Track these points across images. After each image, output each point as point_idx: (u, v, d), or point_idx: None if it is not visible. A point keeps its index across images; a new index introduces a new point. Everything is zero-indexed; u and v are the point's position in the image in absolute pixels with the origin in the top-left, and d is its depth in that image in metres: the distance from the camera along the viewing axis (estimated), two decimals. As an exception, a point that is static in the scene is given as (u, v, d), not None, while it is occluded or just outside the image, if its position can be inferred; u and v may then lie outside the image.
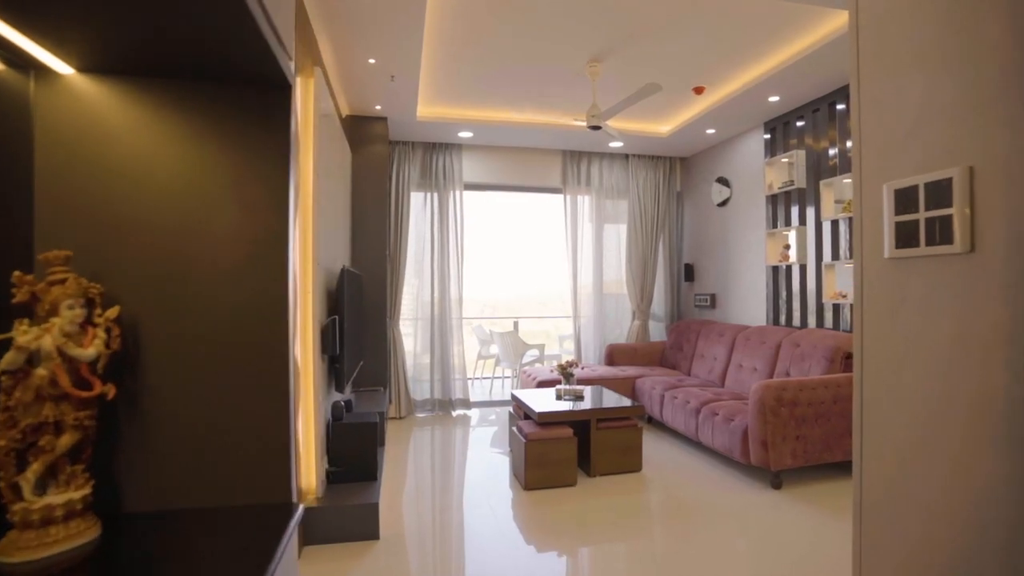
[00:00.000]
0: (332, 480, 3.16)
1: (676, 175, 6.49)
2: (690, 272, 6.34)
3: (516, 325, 8.45)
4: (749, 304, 5.34)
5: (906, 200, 1.03)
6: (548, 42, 3.68)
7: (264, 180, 1.03)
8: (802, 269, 4.64)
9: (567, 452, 3.65)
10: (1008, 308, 0.86)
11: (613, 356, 5.94)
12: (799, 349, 4.16)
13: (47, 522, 0.85)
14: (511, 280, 9.94)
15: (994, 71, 0.89)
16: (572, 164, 6.17)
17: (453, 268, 5.85)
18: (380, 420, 4.03)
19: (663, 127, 5.57)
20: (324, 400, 3.25)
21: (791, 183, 4.68)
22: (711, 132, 5.41)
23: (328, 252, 3.57)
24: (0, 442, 0.84)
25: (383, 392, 4.77)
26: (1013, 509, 0.85)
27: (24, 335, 0.85)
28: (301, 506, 0.98)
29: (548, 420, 3.73)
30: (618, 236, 6.35)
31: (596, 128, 4.00)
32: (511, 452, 3.96)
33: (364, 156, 4.90)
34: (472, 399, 6.26)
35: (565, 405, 3.94)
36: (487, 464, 4.15)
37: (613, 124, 4.50)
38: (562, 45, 3.72)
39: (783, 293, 4.87)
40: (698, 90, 4.50)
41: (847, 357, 3.85)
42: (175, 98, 1.02)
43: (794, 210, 4.70)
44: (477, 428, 5.31)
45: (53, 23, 0.84)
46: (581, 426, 3.98)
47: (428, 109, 5.04)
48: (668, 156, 6.37)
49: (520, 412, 4.24)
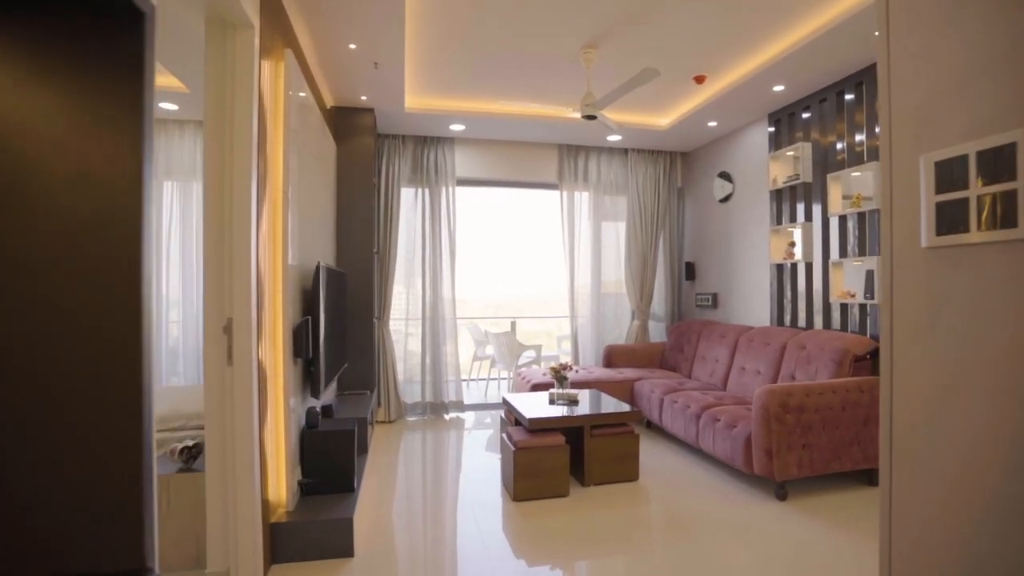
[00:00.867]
0: (305, 492, 2.96)
1: (677, 170, 6.27)
2: (691, 271, 6.12)
3: (513, 325, 8.27)
4: (752, 304, 5.13)
5: (950, 175, 0.82)
6: (540, 25, 3.48)
7: (107, 138, 0.74)
8: (808, 267, 4.42)
9: (559, 461, 3.44)
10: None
11: (611, 357, 5.73)
12: (805, 351, 3.95)
13: None
14: (508, 279, 9.74)
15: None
16: (569, 159, 5.95)
17: (445, 266, 5.64)
18: (362, 426, 3.84)
19: (663, 120, 5.35)
20: (300, 406, 3.05)
21: (796, 177, 4.46)
22: (713, 125, 5.19)
23: (306, 248, 3.37)
24: None
25: (369, 396, 4.57)
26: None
27: None
28: None
29: (539, 427, 3.52)
30: (617, 234, 6.14)
31: (591, 118, 3.79)
32: (501, 460, 3.76)
33: (350, 149, 4.70)
34: (467, 401, 6.06)
35: (558, 410, 3.73)
36: (478, 471, 3.95)
37: (610, 116, 4.30)
38: (555, 29, 3.52)
39: (788, 292, 4.65)
40: (699, 79, 4.29)
41: (856, 360, 3.63)
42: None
43: (800, 206, 4.48)
44: (470, 432, 5.11)
45: None
46: (575, 433, 3.78)
47: (417, 100, 4.84)
48: (668, 151, 6.15)
49: (511, 417, 4.04)
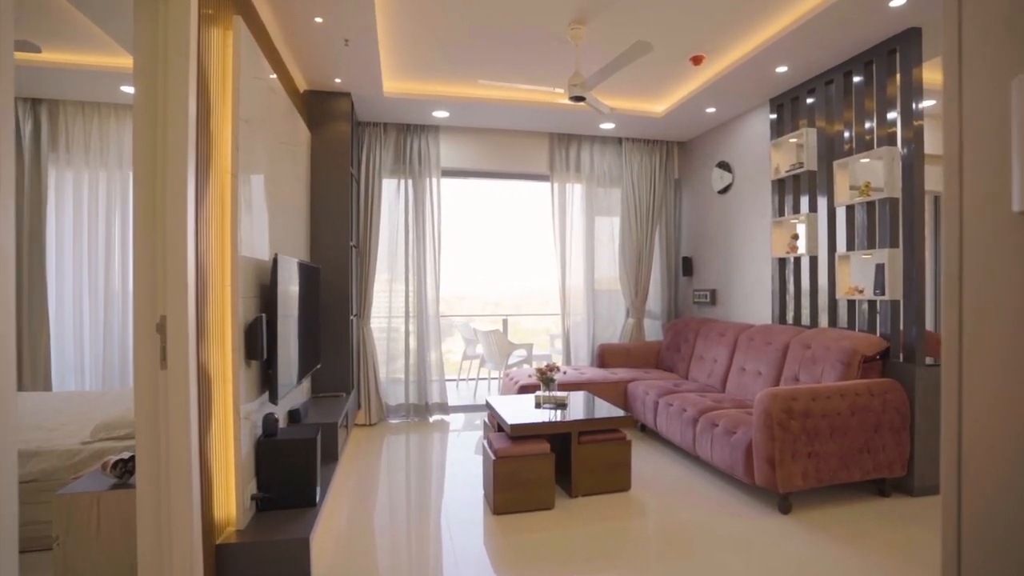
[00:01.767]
0: (262, 507, 2.68)
1: (673, 161, 5.99)
2: (688, 266, 5.85)
3: (505, 323, 8.02)
4: (753, 301, 4.85)
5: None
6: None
7: None
8: (812, 261, 4.14)
9: (543, 470, 3.17)
10: None
11: (604, 357, 5.46)
12: (810, 351, 3.68)
13: None
14: (504, 277, 9.46)
15: None
16: (560, 148, 5.67)
17: (430, 262, 5.36)
18: (331, 431, 3.56)
19: (658, 106, 5.07)
20: (256, 412, 2.77)
21: (800, 166, 4.18)
22: (711, 111, 4.91)
23: (274, 241, 3.09)
24: None
25: (345, 398, 4.30)
26: None
27: None
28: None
29: (522, 434, 3.25)
30: (611, 228, 5.86)
31: (579, 99, 3.51)
32: (483, 469, 3.49)
33: (325, 136, 4.42)
34: (454, 403, 5.80)
35: (544, 415, 3.46)
36: (459, 480, 3.68)
37: (602, 100, 4.02)
38: (539, 2, 3.23)
39: (791, 288, 4.38)
40: (696, 60, 4.01)
41: (866, 361, 3.36)
42: None
43: (803, 196, 4.20)
44: (455, 436, 4.83)
45: None
46: (562, 439, 3.51)
47: (396, 84, 4.55)
48: (664, 140, 5.87)
49: (495, 422, 3.76)
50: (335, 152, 4.44)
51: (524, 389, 4.57)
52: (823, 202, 4.02)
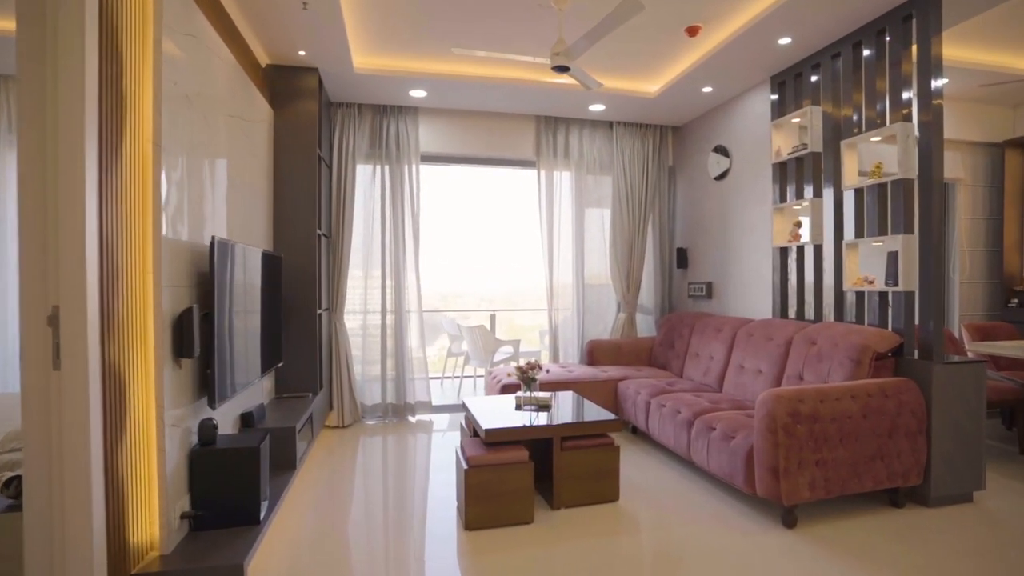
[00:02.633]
0: (196, 527, 2.35)
1: (668, 147, 5.66)
2: (683, 257, 5.53)
3: (493, 319, 7.71)
4: (752, 293, 4.54)
5: None
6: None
7: None
8: (817, 251, 3.83)
9: (521, 480, 2.85)
10: None
11: (594, 354, 5.14)
12: (815, 347, 3.37)
13: None
14: (492, 272, 9.13)
15: None
16: (547, 132, 5.34)
17: (409, 253, 5.03)
18: (288, 437, 3.23)
19: (651, 86, 4.74)
20: (189, 418, 2.44)
21: (803, 147, 3.87)
22: (708, 91, 4.58)
23: (211, 221, 2.74)
24: None
25: (311, 399, 3.96)
26: None
27: None
28: None
29: (497, 439, 2.92)
30: (601, 219, 5.54)
31: (563, 70, 3.18)
32: (456, 479, 3.16)
33: (290, 115, 4.07)
34: (437, 402, 5.48)
35: (524, 418, 3.14)
36: (435, 488, 3.35)
37: (590, 75, 3.68)
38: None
39: (793, 280, 4.06)
40: (692, 31, 3.68)
41: (877, 358, 3.05)
42: None
43: (807, 180, 3.89)
44: (436, 438, 4.50)
45: None
46: (543, 445, 3.19)
47: (368, 59, 4.21)
48: (658, 124, 5.54)
49: (472, 426, 3.44)
50: (301, 132, 4.09)
51: (507, 389, 4.25)
52: (829, 186, 3.71)
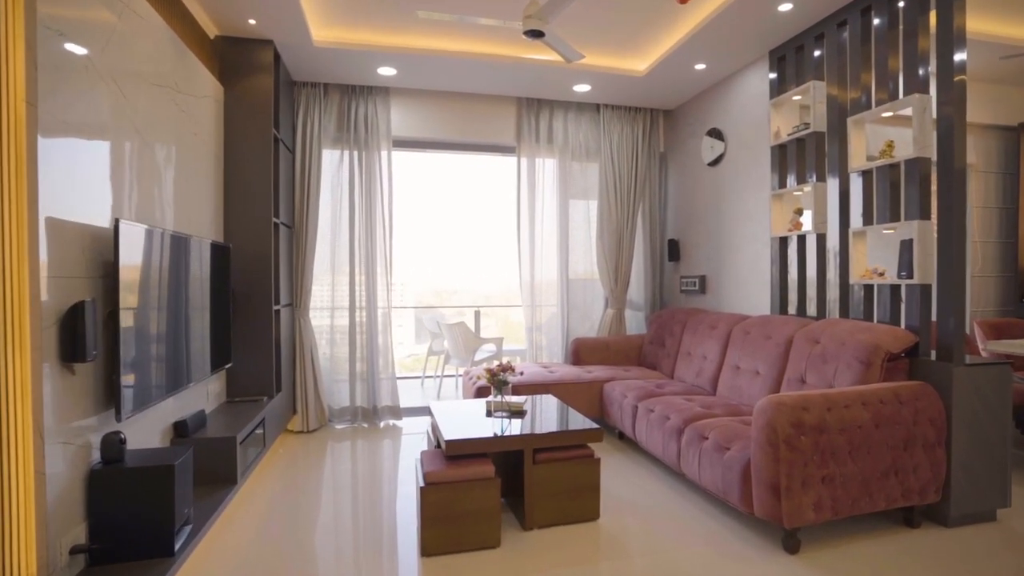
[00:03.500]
0: (93, 561, 1.99)
1: (658, 132, 5.31)
2: (675, 250, 5.19)
3: (478, 315, 7.37)
4: (749, 288, 4.20)
5: None
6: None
7: None
8: (820, 240, 3.49)
9: (486, 499, 2.50)
10: None
11: (579, 353, 4.80)
12: (819, 347, 3.03)
13: None
14: (477, 265, 8.77)
15: None
16: (530, 115, 4.98)
17: (381, 246, 4.66)
18: (227, 448, 2.87)
19: (640, 64, 4.39)
20: (95, 432, 2.08)
21: (805, 127, 3.52)
22: (701, 68, 4.23)
23: (130, 204, 2.38)
24: None
25: (264, 403, 3.60)
26: None
27: None
28: None
29: (459, 452, 2.57)
30: (587, 210, 5.19)
31: (537, 35, 2.82)
32: (415, 497, 2.81)
33: (242, 92, 3.70)
34: (414, 404, 5.12)
35: (493, 426, 2.79)
36: (402, 504, 2.98)
37: (570, 45, 3.32)
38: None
39: (793, 273, 3.73)
40: (683, -3, 3.32)
41: (891, 359, 2.71)
42: None
43: (809, 163, 3.54)
44: (408, 444, 4.15)
45: None
46: (514, 457, 2.85)
47: (328, 32, 3.84)
48: (648, 107, 5.19)
49: (437, 434, 3.08)
50: (255, 111, 3.72)
51: (482, 392, 3.90)
52: (834, 169, 3.36)
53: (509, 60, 4.16)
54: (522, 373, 3.21)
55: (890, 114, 2.97)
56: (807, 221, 3.57)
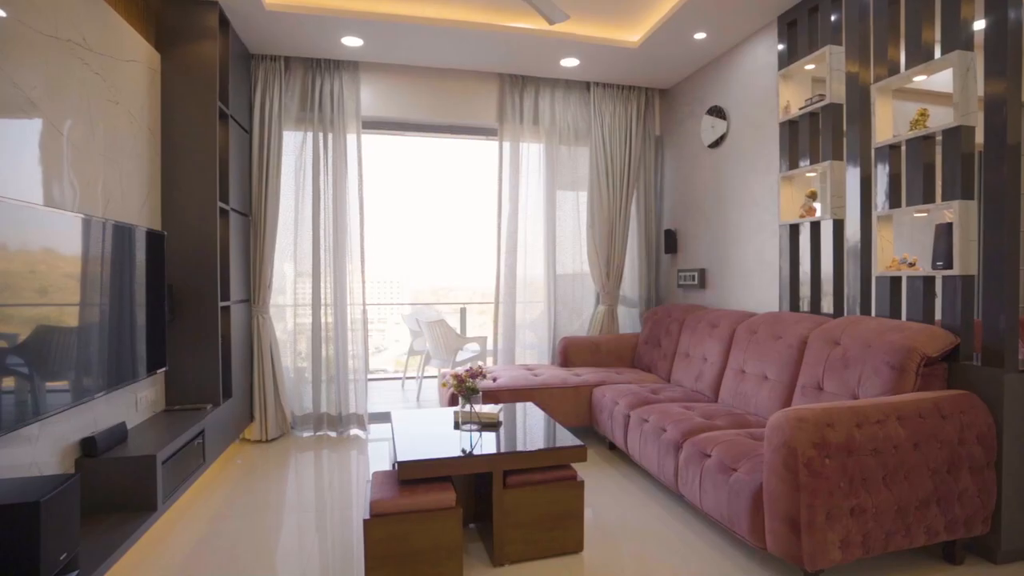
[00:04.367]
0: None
1: (654, 113, 4.88)
2: (672, 241, 4.77)
3: (463, 312, 6.97)
4: (753, 282, 3.78)
5: None
6: None
7: None
8: (837, 227, 3.08)
9: (445, 533, 2.07)
10: None
11: (568, 354, 4.38)
12: (839, 349, 2.61)
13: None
14: (458, 259, 8.34)
15: None
16: (513, 94, 4.54)
17: (352, 235, 4.23)
18: (146, 468, 2.44)
19: (633, 33, 3.96)
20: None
21: (821, 98, 3.11)
22: (701, 38, 3.80)
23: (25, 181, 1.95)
24: None
25: (208, 411, 3.17)
26: None
27: None
28: None
29: (415, 475, 2.15)
30: (576, 198, 4.77)
31: (510, -18, 2.39)
32: (368, 522, 2.38)
33: (182, 60, 3.26)
34: (388, 409, 4.69)
35: (460, 442, 2.36)
36: (351, 535, 2.57)
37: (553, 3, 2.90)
38: None
39: (806, 265, 3.31)
40: (681, -53, 2.90)
41: (928, 364, 2.30)
42: None
43: (825, 139, 3.13)
44: (377, 455, 3.73)
45: None
46: (485, 478, 2.43)
47: (282, -9, 3.40)
48: (642, 86, 4.77)
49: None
50: (197, 83, 3.27)
51: (455, 399, 3.48)
52: (854, 146, 2.95)
53: (488, 29, 3.72)
54: (495, 379, 2.79)
55: (923, 78, 2.56)
56: (821, 206, 3.15)
